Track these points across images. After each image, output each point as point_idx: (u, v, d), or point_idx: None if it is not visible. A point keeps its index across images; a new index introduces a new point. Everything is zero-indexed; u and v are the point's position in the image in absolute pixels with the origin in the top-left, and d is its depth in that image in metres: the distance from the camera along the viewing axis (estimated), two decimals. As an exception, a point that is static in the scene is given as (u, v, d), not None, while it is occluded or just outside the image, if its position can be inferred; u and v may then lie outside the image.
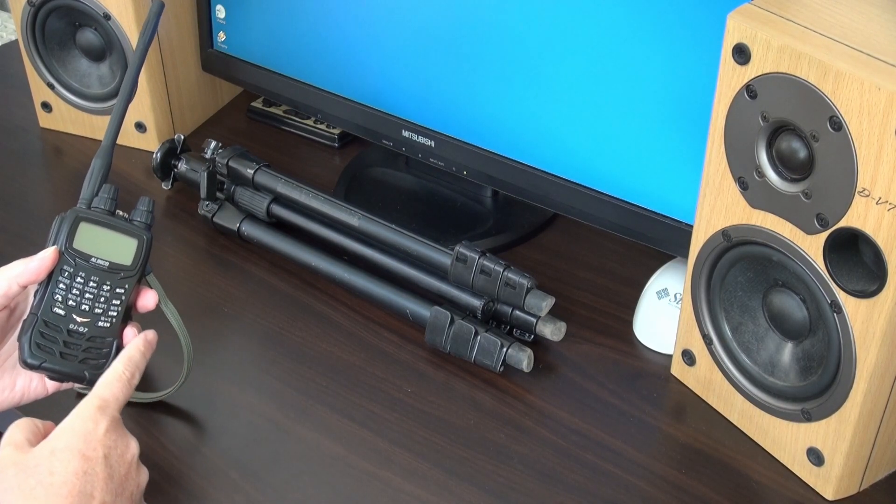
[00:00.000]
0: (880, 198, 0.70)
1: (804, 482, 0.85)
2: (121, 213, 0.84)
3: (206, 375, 0.94)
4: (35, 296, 0.81)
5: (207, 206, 1.09)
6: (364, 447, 0.88)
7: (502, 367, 0.94)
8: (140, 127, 1.22)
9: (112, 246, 0.82)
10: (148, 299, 0.84)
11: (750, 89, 0.77)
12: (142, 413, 0.90)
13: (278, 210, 1.08)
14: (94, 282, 0.81)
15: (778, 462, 0.87)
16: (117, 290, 0.82)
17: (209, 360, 0.96)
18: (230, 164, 1.08)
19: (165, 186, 1.15)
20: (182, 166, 1.12)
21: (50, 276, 0.80)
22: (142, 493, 0.77)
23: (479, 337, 0.94)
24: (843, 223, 0.74)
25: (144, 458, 0.78)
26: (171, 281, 1.03)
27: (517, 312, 0.96)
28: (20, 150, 1.24)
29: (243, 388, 0.93)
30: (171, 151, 1.13)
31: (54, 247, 0.81)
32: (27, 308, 0.82)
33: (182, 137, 1.14)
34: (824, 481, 0.84)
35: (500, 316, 0.97)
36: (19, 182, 1.19)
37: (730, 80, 0.78)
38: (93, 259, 0.82)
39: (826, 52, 0.71)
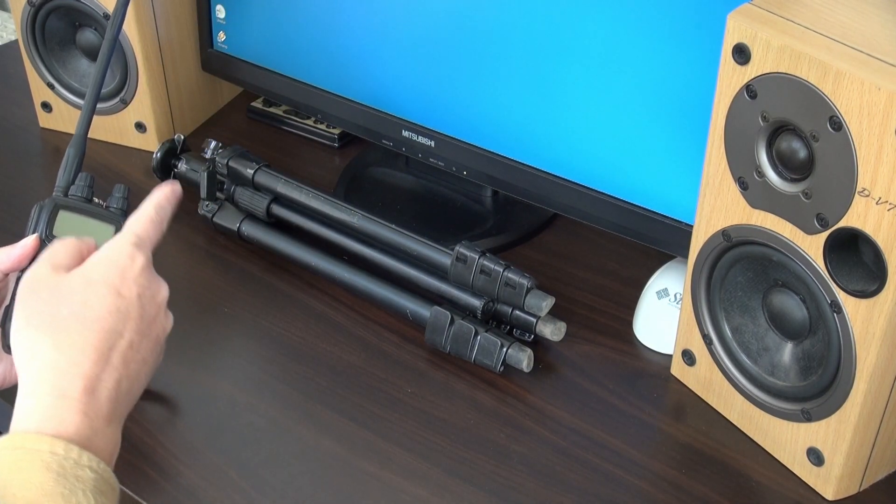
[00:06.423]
0: (880, 198, 0.70)
1: (804, 482, 0.85)
2: (97, 200, 0.85)
3: (205, 375, 0.94)
4: (17, 283, 0.81)
5: (207, 206, 1.09)
6: (364, 447, 0.88)
7: (502, 367, 0.94)
8: (140, 127, 1.22)
9: (90, 233, 0.83)
10: None
11: (750, 89, 0.77)
12: (141, 412, 0.90)
13: (278, 210, 1.08)
14: None
15: (778, 462, 0.87)
16: None
17: (208, 360, 0.96)
18: (230, 164, 1.08)
19: (165, 186, 1.15)
20: (182, 166, 1.12)
21: (31, 263, 0.81)
22: (165, 337, 0.77)
23: (479, 337, 0.94)
24: (843, 223, 0.74)
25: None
26: (170, 281, 1.03)
27: (517, 312, 0.96)
28: (20, 150, 1.24)
29: (243, 388, 0.93)
30: (171, 151, 1.13)
31: (35, 235, 0.81)
32: (8, 295, 0.82)
33: (182, 137, 1.14)
34: (824, 481, 0.83)
35: (500, 316, 0.97)
36: (19, 182, 1.19)
37: (730, 80, 0.78)
38: None
39: (826, 52, 0.71)
